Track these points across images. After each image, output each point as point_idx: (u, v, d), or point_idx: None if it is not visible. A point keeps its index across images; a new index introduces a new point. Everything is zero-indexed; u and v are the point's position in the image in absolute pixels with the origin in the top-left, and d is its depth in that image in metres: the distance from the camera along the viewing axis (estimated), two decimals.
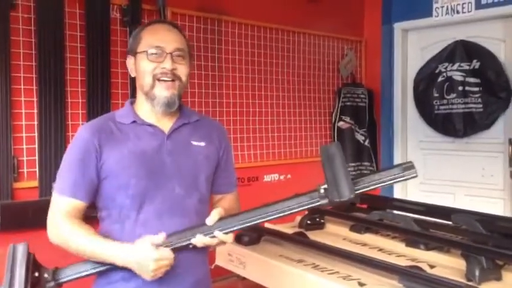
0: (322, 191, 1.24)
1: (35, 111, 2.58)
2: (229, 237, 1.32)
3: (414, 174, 1.23)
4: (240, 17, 3.51)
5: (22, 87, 2.55)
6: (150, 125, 1.42)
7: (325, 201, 1.24)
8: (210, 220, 1.32)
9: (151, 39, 1.39)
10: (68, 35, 2.70)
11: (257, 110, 3.65)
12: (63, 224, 1.32)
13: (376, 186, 1.25)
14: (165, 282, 1.35)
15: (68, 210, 1.34)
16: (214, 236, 1.30)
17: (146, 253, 1.25)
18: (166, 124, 1.44)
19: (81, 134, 1.39)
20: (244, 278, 2.41)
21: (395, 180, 1.24)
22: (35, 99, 2.58)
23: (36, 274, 1.27)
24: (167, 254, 1.26)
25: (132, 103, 1.48)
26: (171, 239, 1.30)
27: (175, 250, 1.30)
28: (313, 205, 1.28)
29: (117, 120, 1.42)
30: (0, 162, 2.44)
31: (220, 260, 2.34)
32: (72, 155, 1.38)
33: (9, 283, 1.22)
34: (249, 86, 3.60)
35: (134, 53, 1.42)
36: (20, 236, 2.40)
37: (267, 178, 3.72)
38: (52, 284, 1.28)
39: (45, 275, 1.28)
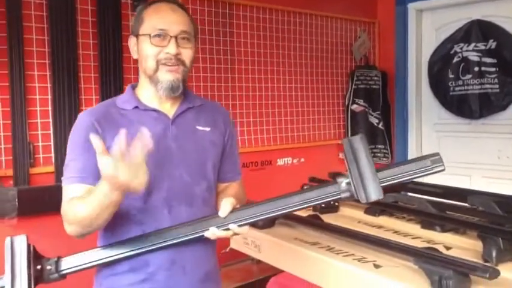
0: (344, 185, 1.17)
1: (49, 97, 2.60)
2: (245, 230, 1.26)
3: (441, 167, 1.15)
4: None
5: (36, 73, 2.56)
6: (154, 110, 1.36)
7: (346, 194, 1.17)
8: (223, 212, 1.24)
9: (155, 20, 1.32)
10: (80, 21, 2.70)
11: (269, 93, 3.64)
12: (66, 208, 1.24)
13: (402, 180, 1.18)
14: (174, 277, 1.32)
15: (76, 197, 1.24)
16: (228, 228, 1.24)
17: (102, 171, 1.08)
18: (170, 109, 1.38)
19: (81, 120, 1.32)
20: (259, 261, 2.42)
21: (422, 174, 1.17)
22: (48, 85, 2.60)
23: (39, 267, 1.19)
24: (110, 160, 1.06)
25: (134, 87, 1.42)
26: (182, 231, 1.25)
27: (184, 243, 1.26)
28: (334, 199, 1.21)
29: (118, 106, 1.36)
30: (16, 148, 2.47)
31: (235, 243, 2.34)
32: (74, 143, 1.31)
33: (11, 280, 1.13)
34: (261, 70, 3.58)
35: (136, 34, 1.35)
36: (37, 220, 2.44)
37: (280, 162, 3.71)
38: (56, 275, 1.21)
39: (48, 267, 1.20)
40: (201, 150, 1.39)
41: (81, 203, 1.18)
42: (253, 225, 2.22)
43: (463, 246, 1.88)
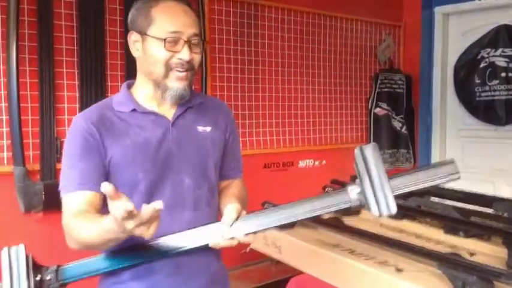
0: (354, 195, 1.10)
1: (77, 94, 2.65)
2: (250, 239, 1.17)
3: (457, 176, 1.09)
4: (276, 1, 3.48)
5: (64, 70, 2.61)
6: (152, 113, 1.30)
7: (357, 203, 1.11)
8: (228, 220, 1.16)
9: (167, 23, 1.23)
10: (108, 20, 2.74)
11: (293, 95, 3.64)
12: (70, 223, 1.17)
13: (416, 188, 1.11)
14: (180, 284, 1.28)
15: (79, 207, 1.18)
16: (233, 237, 1.16)
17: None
18: (168, 110, 1.32)
19: (77, 125, 1.25)
20: (278, 262, 2.42)
21: (437, 182, 1.11)
22: (76, 82, 2.64)
23: (38, 277, 1.13)
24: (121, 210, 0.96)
25: (130, 86, 1.35)
26: (186, 240, 1.19)
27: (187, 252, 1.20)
28: (344, 207, 1.14)
29: (115, 108, 1.28)
30: (44, 143, 2.52)
31: (256, 243, 2.35)
32: (70, 148, 1.24)
33: None
34: (285, 71, 3.58)
35: (143, 33, 1.25)
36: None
37: (302, 164, 3.71)
38: (56, 285, 1.15)
39: (47, 277, 1.14)
40: (202, 151, 1.34)
41: (88, 229, 1.12)
42: None
43: (487, 253, 1.86)
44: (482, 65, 3.85)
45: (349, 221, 2.31)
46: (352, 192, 1.11)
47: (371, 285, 1.73)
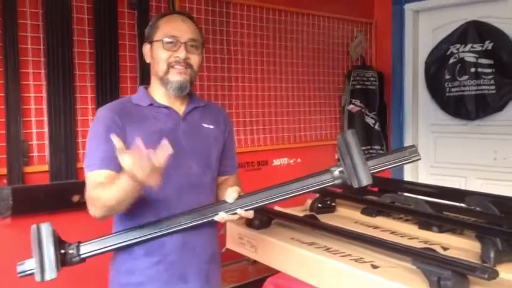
0: (337, 173, 1.33)
1: (44, 95, 2.57)
2: (250, 214, 1.41)
3: (418, 157, 1.35)
4: None
5: (31, 70, 2.54)
6: (166, 107, 1.53)
7: (339, 181, 1.34)
8: (230, 198, 1.39)
9: (167, 28, 1.49)
10: (76, 18, 2.67)
11: (266, 93, 3.62)
12: (92, 194, 1.35)
13: (386, 167, 1.36)
14: (185, 258, 1.48)
15: (100, 181, 1.35)
16: (235, 213, 1.39)
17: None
18: (179, 107, 1.55)
19: (103, 114, 1.47)
20: (254, 262, 2.40)
21: (401, 163, 1.37)
22: (43, 82, 2.57)
23: (62, 251, 1.32)
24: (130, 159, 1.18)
25: (146, 89, 1.58)
26: (194, 216, 1.41)
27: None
28: (329, 184, 1.37)
29: (134, 102, 1.52)
30: (10, 146, 2.44)
31: (231, 244, 2.33)
32: (96, 133, 1.44)
33: (40, 263, 1.26)
34: (257, 70, 3.56)
35: (151, 41, 1.52)
36: (32, 219, 2.40)
37: (277, 162, 3.70)
38: (77, 259, 1.34)
39: (70, 251, 1.33)
40: (206, 145, 1.56)
41: (106, 190, 1.30)
42: (249, 225, 2.22)
43: (460, 247, 1.87)
44: (451, 60, 3.92)
45: (324, 218, 2.30)
46: (335, 171, 1.34)
47: (347, 282, 1.72)
